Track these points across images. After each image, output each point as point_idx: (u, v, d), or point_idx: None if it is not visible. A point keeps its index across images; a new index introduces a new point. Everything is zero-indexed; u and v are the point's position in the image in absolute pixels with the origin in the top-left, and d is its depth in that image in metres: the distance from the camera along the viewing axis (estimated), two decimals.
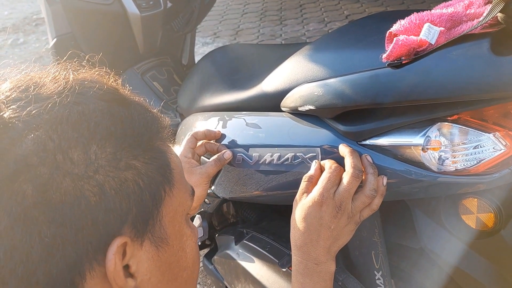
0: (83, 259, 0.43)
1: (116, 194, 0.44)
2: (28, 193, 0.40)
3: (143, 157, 0.47)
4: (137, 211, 0.46)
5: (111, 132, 0.45)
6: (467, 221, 0.81)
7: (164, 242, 0.50)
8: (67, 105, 0.45)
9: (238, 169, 0.95)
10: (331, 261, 0.75)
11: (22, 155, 0.41)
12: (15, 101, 0.44)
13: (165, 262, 0.51)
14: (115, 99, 0.49)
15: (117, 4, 1.57)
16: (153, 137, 0.50)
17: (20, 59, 4.49)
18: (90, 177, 0.43)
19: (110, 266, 0.44)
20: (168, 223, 0.50)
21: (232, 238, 1.16)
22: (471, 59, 0.61)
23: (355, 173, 0.72)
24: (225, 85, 1.14)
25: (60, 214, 0.41)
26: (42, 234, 0.41)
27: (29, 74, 0.49)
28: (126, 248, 0.45)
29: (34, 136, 0.42)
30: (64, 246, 0.42)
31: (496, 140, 0.66)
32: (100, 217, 0.43)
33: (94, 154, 0.43)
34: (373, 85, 0.69)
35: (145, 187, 0.47)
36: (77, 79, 0.48)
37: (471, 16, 0.66)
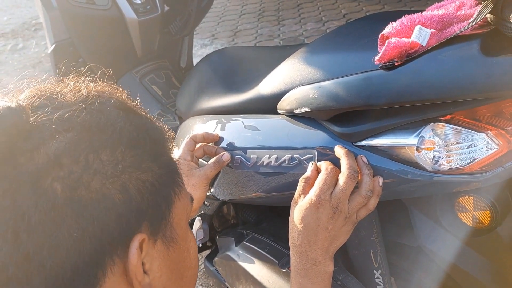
0: (106, 254, 0.45)
1: (138, 193, 0.47)
2: (58, 190, 0.42)
3: (159, 161, 0.51)
4: (153, 211, 0.49)
5: (133, 137, 0.49)
6: (463, 219, 0.82)
7: (174, 242, 0.53)
8: (92, 112, 0.48)
9: (236, 171, 0.96)
10: (329, 261, 0.76)
11: (54, 154, 0.43)
12: (41, 107, 0.46)
13: (174, 261, 0.54)
14: (130, 110, 0.53)
15: (115, 9, 1.58)
16: (165, 144, 0.54)
17: (19, 64, 4.50)
18: (116, 176, 0.46)
19: (133, 260, 0.46)
20: (177, 224, 0.53)
21: (232, 239, 1.17)
22: (461, 60, 0.62)
23: (350, 174, 0.73)
24: (222, 88, 1.15)
25: (88, 210, 0.43)
26: (71, 230, 0.43)
27: (42, 86, 0.51)
28: (143, 245, 0.48)
29: (66, 137, 0.44)
30: (90, 241, 0.44)
31: (489, 139, 0.67)
32: (124, 215, 0.46)
33: (121, 155, 0.46)
34: (366, 87, 0.70)
35: (160, 189, 0.50)
36: (97, 90, 0.52)
37: (461, 18, 0.67)
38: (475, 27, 0.65)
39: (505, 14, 0.58)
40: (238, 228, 1.23)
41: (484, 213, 0.79)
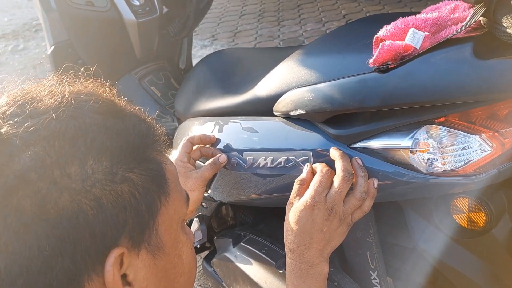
0: (81, 270, 0.44)
1: (113, 207, 0.45)
2: (26, 208, 0.41)
3: (139, 169, 0.48)
4: (134, 222, 0.47)
5: (107, 147, 0.46)
6: (458, 221, 0.82)
7: (160, 251, 0.51)
8: (63, 120, 0.45)
9: (233, 173, 0.97)
10: (325, 263, 0.77)
11: (21, 171, 0.42)
12: (12, 116, 0.45)
13: (162, 270, 0.52)
14: (111, 112, 0.50)
15: (113, 10, 1.59)
16: (148, 148, 0.51)
17: (20, 65, 4.51)
18: (87, 191, 0.44)
19: (108, 277, 0.45)
20: (164, 231, 0.51)
21: (230, 240, 1.18)
22: (455, 63, 0.63)
23: (345, 176, 0.74)
24: (220, 90, 1.16)
25: (58, 228, 0.42)
26: (41, 248, 0.42)
27: (25, 88, 0.49)
28: (124, 258, 0.46)
29: (32, 152, 0.43)
30: (63, 258, 0.43)
31: (483, 142, 0.67)
32: (98, 230, 0.44)
33: (91, 169, 0.44)
34: (360, 89, 0.71)
35: (141, 199, 0.48)
36: (73, 93, 0.49)
37: (455, 20, 0.68)
38: (468, 30, 0.65)
39: (497, 17, 0.59)
40: (236, 229, 1.24)
41: (479, 215, 0.80)
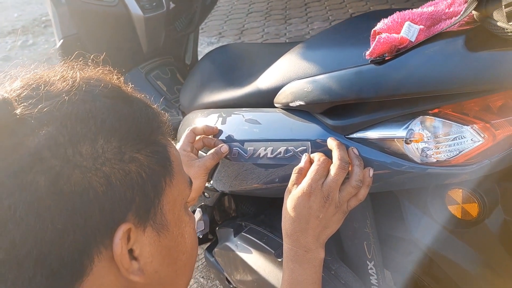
0: (91, 243, 0.47)
1: (121, 184, 0.48)
2: (41, 184, 0.44)
3: (145, 151, 0.51)
4: (140, 200, 0.50)
5: (116, 128, 0.49)
6: (453, 211, 0.85)
7: (165, 228, 0.53)
8: (75, 103, 0.48)
9: (234, 163, 0.99)
10: (320, 248, 0.79)
11: (35, 149, 0.44)
12: (27, 98, 0.47)
13: (166, 247, 0.54)
14: (119, 97, 0.53)
15: (121, 5, 1.62)
16: (154, 132, 0.54)
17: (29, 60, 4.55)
18: (97, 169, 0.46)
19: (117, 250, 0.48)
20: (168, 211, 0.54)
21: (231, 230, 1.20)
22: (447, 55, 0.65)
23: (341, 165, 0.76)
24: (223, 83, 1.18)
25: (70, 203, 0.45)
26: (54, 221, 0.44)
27: (38, 73, 0.52)
28: (130, 233, 0.49)
29: (46, 131, 0.45)
30: (74, 232, 0.45)
31: (475, 132, 0.69)
32: (107, 206, 0.47)
33: (101, 148, 0.47)
34: (357, 80, 0.73)
35: (147, 178, 0.50)
36: (84, 78, 0.52)
37: (450, 15, 0.70)
38: (462, 23, 0.68)
39: (488, 11, 0.61)
40: (237, 220, 1.26)
41: (472, 206, 0.82)
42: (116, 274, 0.49)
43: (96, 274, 0.48)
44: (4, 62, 4.58)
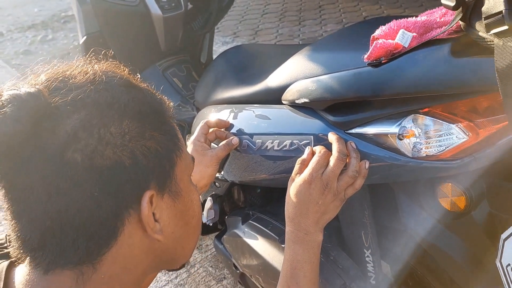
0: (122, 208, 0.56)
1: (144, 158, 0.57)
2: (78, 160, 0.53)
3: (160, 130, 0.60)
4: (159, 171, 0.59)
5: (136, 111, 0.58)
6: (443, 204, 0.92)
7: (178, 195, 0.63)
8: (99, 91, 0.57)
9: (243, 155, 1.08)
10: (319, 232, 0.87)
11: (72, 130, 0.53)
12: (57, 89, 0.56)
13: (180, 211, 0.64)
14: (131, 85, 0.62)
15: (142, 5, 1.71)
16: (165, 113, 0.63)
17: (49, 54, 4.69)
18: (124, 145, 0.55)
19: (144, 211, 0.57)
20: (180, 180, 0.63)
21: (239, 219, 1.29)
22: (435, 60, 0.73)
23: (340, 157, 0.84)
24: (236, 81, 1.27)
25: (104, 175, 0.54)
26: (92, 191, 0.53)
27: (59, 68, 0.60)
28: (153, 199, 0.58)
29: (80, 115, 0.54)
30: (108, 199, 0.55)
31: (460, 130, 0.77)
32: (133, 176, 0.56)
33: (127, 128, 0.56)
34: (356, 81, 0.81)
35: (163, 153, 0.60)
36: (102, 70, 0.61)
37: (441, 24, 0.78)
38: (451, 32, 0.75)
39: (472, 22, 0.69)
40: (246, 209, 1.35)
41: (460, 199, 0.89)
42: (141, 235, 0.59)
43: (126, 234, 0.57)
44: (25, 56, 4.72)
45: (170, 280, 1.95)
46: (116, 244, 0.57)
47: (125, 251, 0.58)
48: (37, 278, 0.57)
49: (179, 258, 0.70)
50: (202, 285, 1.91)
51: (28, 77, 0.59)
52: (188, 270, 1.99)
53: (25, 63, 4.53)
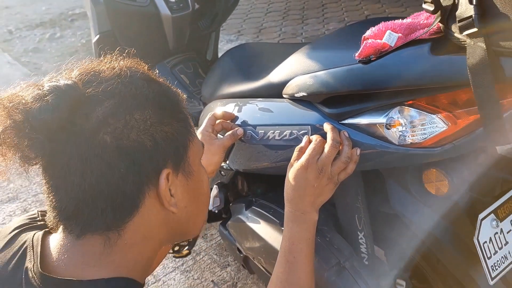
0: (144, 183, 0.66)
1: (162, 141, 0.67)
2: (107, 141, 0.63)
3: (176, 118, 0.70)
4: (174, 153, 0.69)
5: (156, 101, 0.68)
6: (428, 188, 1.02)
7: (191, 175, 0.73)
8: (125, 84, 0.67)
9: (247, 145, 1.18)
10: (315, 212, 0.97)
11: (103, 116, 0.63)
12: (90, 82, 0.66)
13: (191, 188, 0.74)
14: (151, 80, 0.72)
15: (152, 6, 1.81)
16: (179, 104, 0.73)
17: (57, 52, 4.78)
18: (146, 130, 0.65)
19: (162, 186, 0.67)
20: (192, 162, 0.74)
21: (243, 205, 1.39)
22: (417, 57, 0.82)
23: (333, 144, 0.94)
24: (240, 77, 1.37)
25: (129, 154, 0.64)
26: (118, 167, 0.63)
27: (89, 64, 0.70)
28: (169, 176, 0.68)
29: (110, 103, 0.64)
30: (132, 174, 0.64)
31: (440, 120, 0.86)
32: (154, 156, 0.66)
33: (149, 115, 0.66)
34: (348, 76, 0.91)
35: (178, 137, 0.70)
36: (126, 66, 0.71)
37: (424, 26, 0.87)
38: (432, 33, 0.85)
39: (449, 24, 0.78)
40: (249, 196, 1.45)
41: (443, 184, 0.99)
42: (158, 208, 0.69)
43: (147, 206, 0.67)
44: (34, 54, 4.82)
45: (177, 267, 2.05)
46: (138, 214, 0.67)
47: (145, 221, 0.68)
48: (71, 242, 0.67)
49: (190, 231, 0.80)
50: (207, 272, 2.01)
51: (61, 72, 0.69)
52: (194, 258, 2.09)
53: (34, 61, 4.65)
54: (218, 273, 1.99)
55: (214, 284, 1.94)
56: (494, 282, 1.01)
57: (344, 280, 1.11)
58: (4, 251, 0.74)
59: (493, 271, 1.00)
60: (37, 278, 0.65)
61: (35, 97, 0.63)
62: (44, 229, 0.75)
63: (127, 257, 0.68)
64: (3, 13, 6.45)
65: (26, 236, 0.75)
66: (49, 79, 0.67)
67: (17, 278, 0.68)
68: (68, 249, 0.67)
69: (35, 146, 0.62)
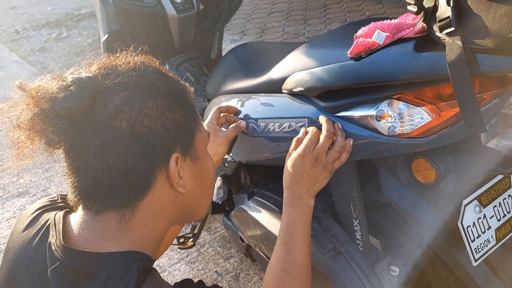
0: (155, 165, 0.74)
1: (172, 127, 0.75)
2: (123, 127, 0.70)
3: (184, 107, 0.78)
4: (183, 139, 0.77)
5: (167, 92, 0.76)
6: (417, 177, 1.09)
7: (197, 160, 0.81)
8: (139, 77, 0.75)
9: (249, 137, 1.26)
10: (311, 198, 1.05)
11: (120, 104, 0.71)
12: (108, 74, 0.74)
13: (198, 172, 0.82)
14: (162, 73, 0.79)
15: (159, 6, 1.89)
16: (188, 95, 0.81)
17: (64, 51, 4.87)
18: (158, 117, 0.73)
19: (171, 168, 0.75)
20: (199, 148, 0.81)
21: (245, 195, 1.47)
22: (403, 55, 0.90)
23: (328, 135, 1.02)
24: (243, 74, 1.45)
25: (143, 139, 0.71)
26: (134, 150, 0.71)
27: (107, 59, 0.78)
28: (178, 160, 0.76)
29: (125, 93, 0.72)
30: (146, 157, 0.72)
31: (425, 112, 0.94)
32: (164, 140, 0.74)
33: (160, 104, 0.74)
34: (341, 72, 0.99)
35: (186, 125, 0.77)
36: (140, 61, 0.78)
37: (410, 25, 0.95)
38: (417, 32, 0.92)
39: (431, 24, 0.86)
40: (251, 187, 1.53)
41: (431, 172, 1.06)
42: (168, 189, 0.77)
43: (158, 187, 0.75)
44: (40, 53, 4.91)
45: (182, 258, 2.13)
46: (150, 193, 0.75)
47: (156, 201, 0.76)
48: (90, 218, 0.75)
49: (196, 212, 0.88)
50: (211, 263, 2.09)
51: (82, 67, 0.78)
52: (198, 250, 2.17)
53: (41, 60, 4.74)
54: (221, 264, 2.07)
55: (218, 274, 2.02)
56: (478, 263, 1.08)
57: (340, 264, 1.18)
58: (28, 229, 0.83)
59: (476, 253, 1.08)
60: (60, 250, 0.73)
61: (60, 88, 0.71)
62: (65, 209, 0.83)
63: (139, 233, 0.76)
64: (10, 13, 6.54)
65: (48, 215, 0.83)
66: (72, 72, 0.75)
67: (41, 252, 0.76)
68: (88, 225, 0.75)
69: (60, 130, 0.70)
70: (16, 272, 0.78)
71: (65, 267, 0.72)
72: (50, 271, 0.72)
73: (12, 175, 2.82)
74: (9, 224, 2.41)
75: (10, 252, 0.82)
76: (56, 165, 2.85)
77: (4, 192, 2.68)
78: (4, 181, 2.78)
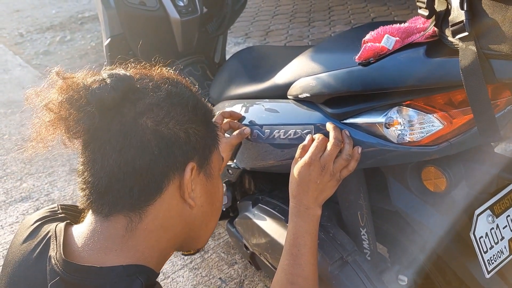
0: (170, 170, 0.73)
1: (194, 138, 0.75)
2: (148, 124, 0.71)
3: (207, 124, 0.80)
4: (201, 151, 0.78)
5: (194, 104, 0.78)
6: (426, 185, 1.06)
7: (211, 177, 0.81)
8: (171, 85, 0.77)
9: (254, 144, 1.23)
10: (318, 207, 1.02)
11: (148, 104, 0.72)
12: (141, 78, 0.76)
13: (209, 190, 0.82)
14: (189, 88, 0.81)
15: (161, 10, 1.87)
16: (210, 115, 0.83)
17: (67, 55, 4.87)
18: (184, 123, 0.74)
19: (186, 175, 0.75)
20: (213, 167, 0.82)
21: (250, 203, 1.44)
22: (414, 60, 0.87)
23: (335, 142, 0.99)
24: (247, 79, 1.42)
25: (164, 140, 0.72)
26: (153, 149, 0.71)
27: (140, 68, 0.81)
28: (194, 170, 0.76)
29: (156, 95, 0.73)
30: (163, 158, 0.72)
31: (436, 120, 0.91)
32: (184, 147, 0.74)
33: (187, 113, 0.75)
34: (348, 78, 0.96)
35: (207, 140, 0.79)
36: (171, 73, 0.81)
37: (420, 30, 0.92)
38: (427, 36, 0.89)
39: (443, 28, 0.83)
40: (256, 194, 1.50)
41: (441, 181, 1.03)
42: (178, 199, 0.76)
43: (169, 193, 0.74)
44: (44, 56, 4.90)
45: (186, 265, 2.11)
46: (160, 199, 0.74)
47: (164, 209, 0.75)
48: (98, 224, 0.74)
49: (202, 235, 0.86)
50: (215, 269, 2.06)
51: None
52: (202, 256, 2.14)
53: (45, 63, 4.73)
54: (225, 271, 2.04)
55: (222, 281, 1.99)
56: (490, 275, 1.05)
57: (347, 274, 1.15)
58: (27, 242, 0.80)
59: (489, 265, 1.04)
60: (60, 264, 0.71)
61: (95, 79, 0.73)
62: (66, 221, 0.81)
63: (145, 244, 0.74)
64: (14, 16, 6.55)
65: (48, 227, 0.80)
66: (108, 70, 0.76)
67: (41, 266, 0.74)
68: (95, 233, 0.74)
69: (87, 118, 0.70)
70: (15, 287, 0.76)
71: (65, 282, 0.69)
72: (50, 286, 0.70)
73: (15, 180, 2.81)
74: (12, 230, 2.39)
75: (9, 265, 0.79)
76: (59, 169, 2.83)
77: (7, 196, 2.66)
78: (7, 185, 2.76)
